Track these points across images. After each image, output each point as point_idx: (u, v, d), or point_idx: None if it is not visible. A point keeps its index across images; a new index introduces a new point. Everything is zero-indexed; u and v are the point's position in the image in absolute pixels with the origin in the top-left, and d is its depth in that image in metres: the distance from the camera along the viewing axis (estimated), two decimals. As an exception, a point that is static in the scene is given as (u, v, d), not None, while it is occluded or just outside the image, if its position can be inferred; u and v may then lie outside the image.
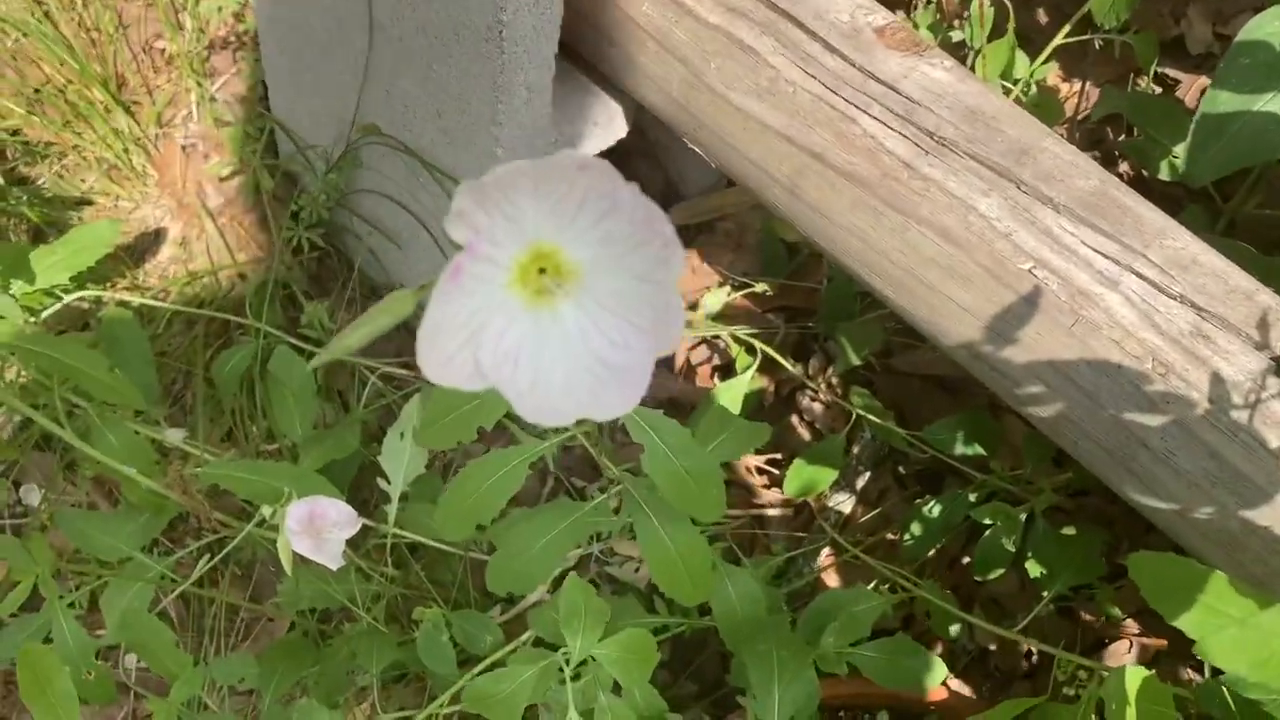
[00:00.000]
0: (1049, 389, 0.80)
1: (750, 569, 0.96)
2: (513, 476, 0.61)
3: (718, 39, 0.86)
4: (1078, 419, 0.79)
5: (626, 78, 0.93)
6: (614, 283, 0.37)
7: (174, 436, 0.98)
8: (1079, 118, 1.19)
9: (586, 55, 0.95)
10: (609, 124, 0.99)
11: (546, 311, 0.38)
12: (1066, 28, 1.08)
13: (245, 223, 1.24)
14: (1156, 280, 0.77)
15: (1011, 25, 1.08)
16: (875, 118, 0.82)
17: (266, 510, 0.84)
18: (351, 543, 1.02)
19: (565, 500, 0.73)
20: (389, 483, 0.98)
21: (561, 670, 0.62)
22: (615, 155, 1.19)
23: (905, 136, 0.82)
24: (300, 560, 0.85)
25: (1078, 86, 1.24)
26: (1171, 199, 1.17)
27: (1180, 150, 0.98)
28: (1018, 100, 1.11)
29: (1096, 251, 0.78)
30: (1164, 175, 1.00)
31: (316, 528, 0.84)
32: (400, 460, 0.99)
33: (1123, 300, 0.76)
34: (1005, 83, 1.11)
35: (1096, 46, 1.14)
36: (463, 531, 0.63)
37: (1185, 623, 0.53)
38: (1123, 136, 1.18)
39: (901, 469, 1.13)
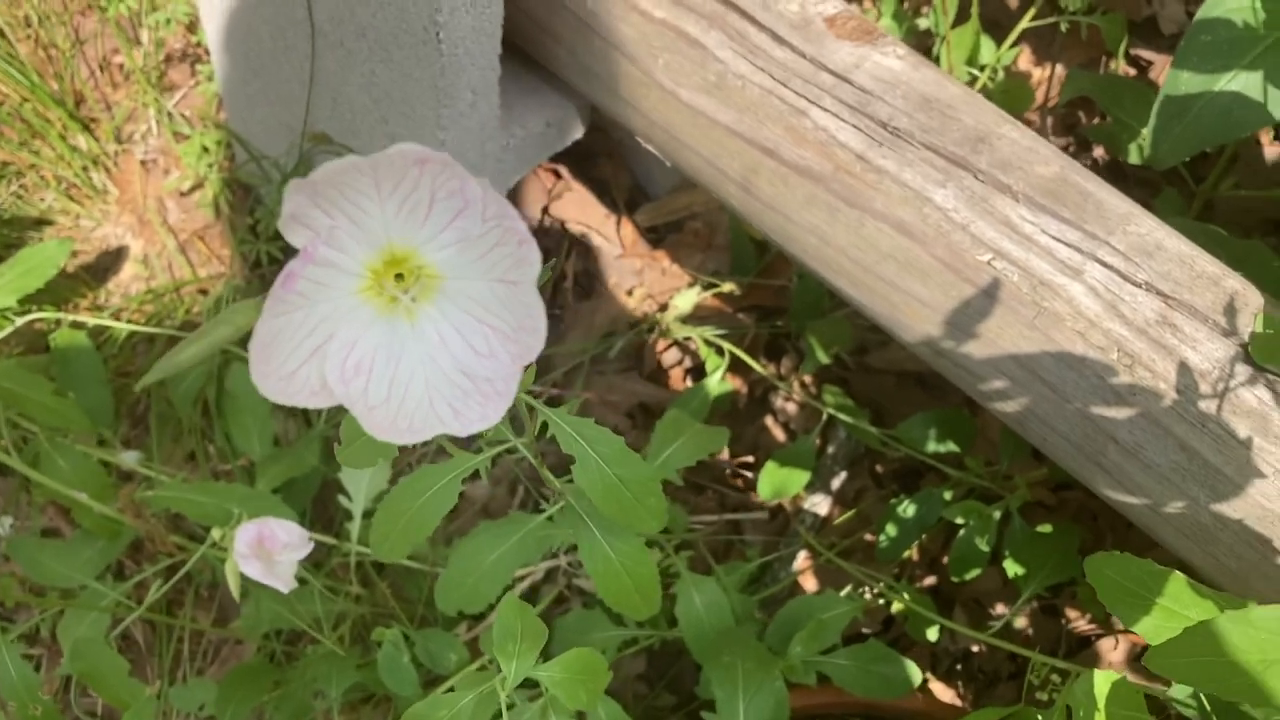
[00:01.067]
0: (1013, 383, 0.77)
1: (721, 576, 0.94)
2: (445, 494, 0.59)
3: (664, 34, 0.84)
4: (1044, 414, 0.77)
5: (575, 76, 0.91)
6: (474, 285, 0.35)
7: (128, 459, 0.96)
8: (1049, 104, 1.17)
9: (535, 55, 0.93)
10: (563, 125, 0.97)
11: (403, 319, 0.35)
12: (1032, 11, 1.06)
13: (206, 237, 1.22)
14: (1120, 268, 0.74)
15: (975, 10, 1.05)
16: (827, 110, 0.80)
17: (216, 533, 0.82)
18: (315, 562, 1.00)
19: (518, 514, 0.71)
20: (350, 500, 0.96)
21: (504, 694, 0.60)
22: (578, 156, 1.16)
23: (858, 128, 0.79)
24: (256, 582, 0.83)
25: (1048, 71, 1.21)
26: (1147, 183, 1.14)
27: (1147, 133, 0.95)
28: (985, 86, 1.09)
29: (1058, 240, 0.75)
30: (1134, 159, 0.98)
31: (266, 550, 0.82)
32: (362, 476, 0.96)
33: (1086, 290, 0.74)
34: (972, 69, 1.09)
35: (1063, 30, 1.11)
36: (398, 553, 0.61)
37: (1143, 627, 0.51)
38: (1096, 120, 1.16)
39: (878, 467, 1.10)
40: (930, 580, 1.03)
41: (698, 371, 1.14)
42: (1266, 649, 0.44)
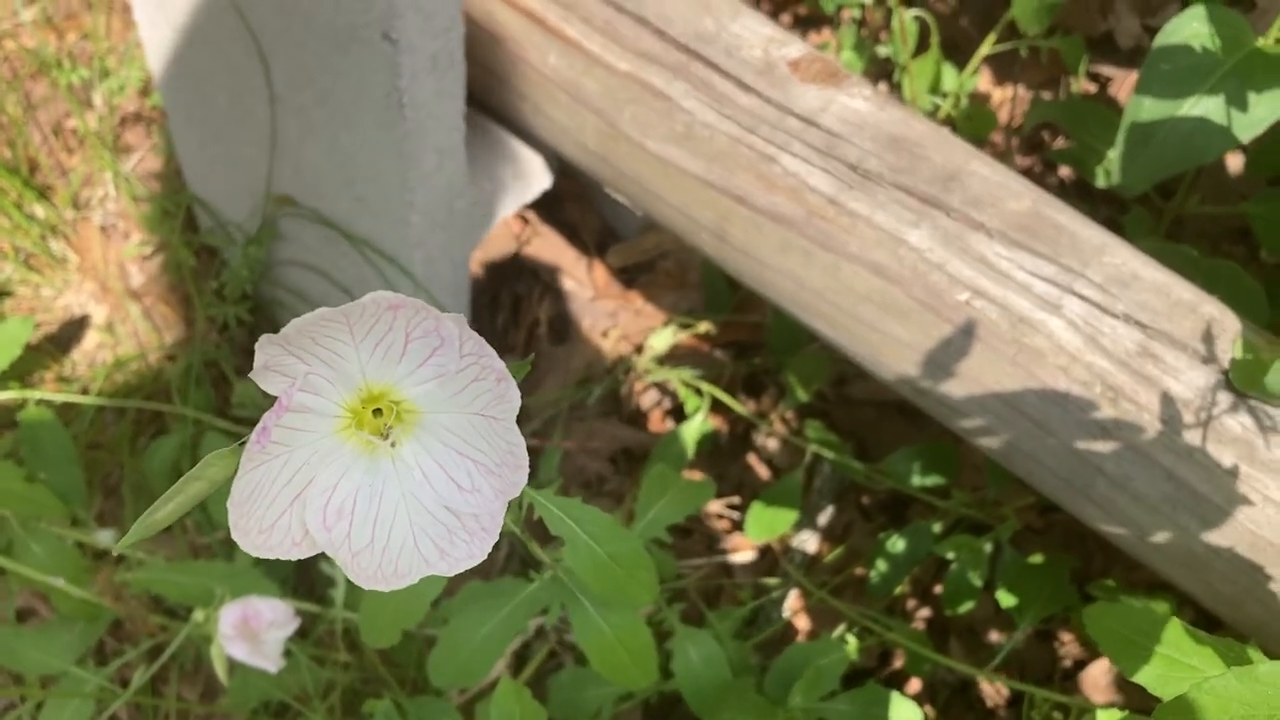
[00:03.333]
0: (997, 420, 0.77)
1: (715, 623, 0.93)
2: (432, 579, 0.57)
3: (629, 86, 0.83)
4: (1029, 449, 0.77)
5: (542, 131, 0.90)
6: (454, 419, 0.34)
7: (105, 538, 0.94)
8: (1014, 125, 1.17)
9: (501, 110, 0.92)
10: (530, 176, 0.96)
11: (384, 458, 0.35)
12: (992, 36, 1.06)
13: (171, 302, 1.20)
14: (1098, 300, 0.74)
15: (935, 39, 1.06)
16: (796, 155, 0.79)
17: (199, 615, 0.80)
18: (301, 630, 0.98)
19: (508, 581, 0.69)
20: (333, 565, 0.95)
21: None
22: (546, 201, 1.16)
23: (828, 172, 0.79)
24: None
25: (1010, 92, 1.22)
26: (1114, 201, 1.15)
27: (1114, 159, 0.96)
28: (949, 114, 1.09)
29: (1034, 275, 0.75)
30: (1100, 182, 0.98)
31: (252, 630, 0.80)
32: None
33: (1065, 324, 0.74)
34: (935, 97, 1.09)
35: (1022, 54, 1.12)
36: (389, 639, 0.60)
37: (1145, 677, 0.50)
38: (1060, 140, 1.16)
39: (865, 499, 1.10)
40: (924, 612, 1.03)
41: (678, 412, 1.14)
42: (1273, 703, 0.43)
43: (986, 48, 1.06)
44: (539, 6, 0.85)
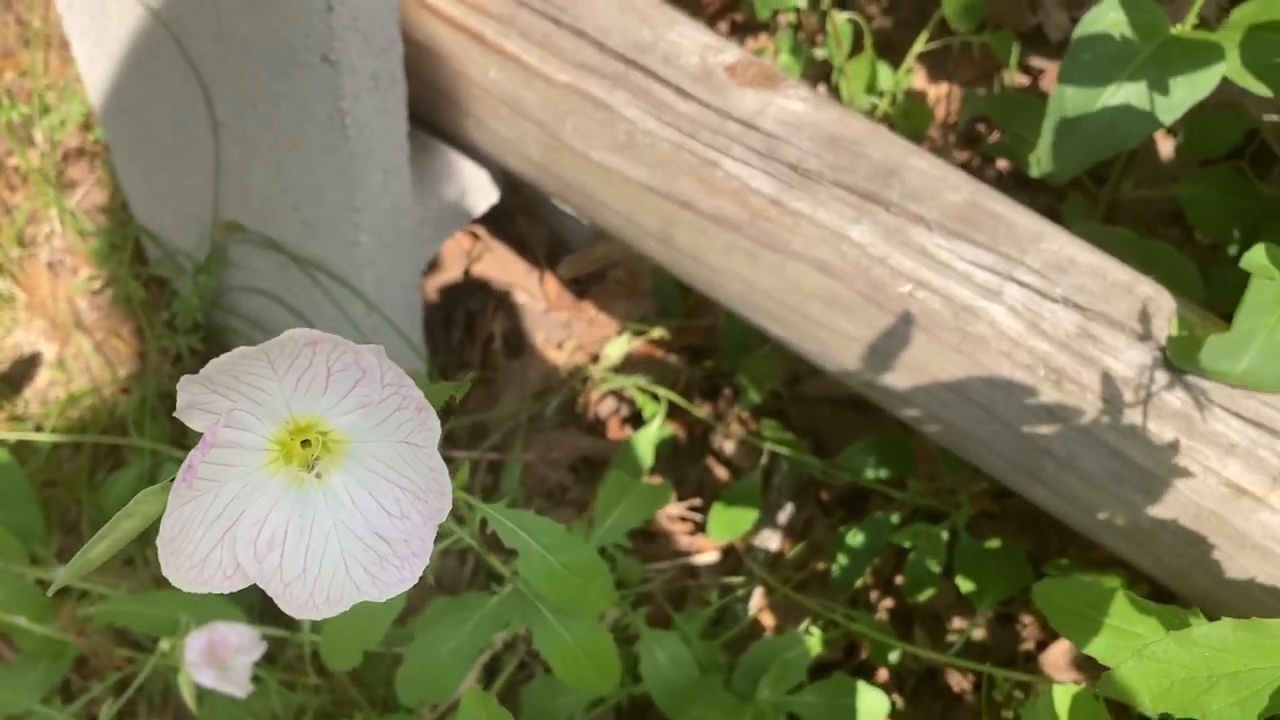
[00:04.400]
0: (945, 408, 0.79)
1: (682, 625, 0.94)
2: (391, 599, 0.58)
3: (570, 97, 0.84)
4: (979, 435, 0.79)
5: (486, 145, 0.91)
6: (380, 448, 0.35)
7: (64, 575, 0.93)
8: (951, 120, 1.20)
9: (445, 126, 0.93)
10: (478, 191, 0.97)
11: (314, 488, 0.35)
12: (924, 35, 1.08)
13: (123, 335, 1.20)
14: (1037, 286, 0.76)
15: (869, 40, 1.08)
16: (737, 158, 0.81)
17: (165, 645, 0.80)
18: (269, 655, 0.98)
19: (471, 595, 0.70)
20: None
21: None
22: (495, 215, 1.16)
23: (769, 173, 0.80)
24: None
25: (946, 88, 1.24)
26: (1053, 190, 1.17)
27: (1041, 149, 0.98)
28: (886, 112, 1.11)
29: (974, 264, 0.77)
30: (1034, 172, 1.00)
31: (219, 657, 0.80)
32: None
33: (1006, 311, 0.76)
34: (872, 97, 1.11)
35: (954, 50, 1.14)
36: (351, 660, 0.60)
37: (1095, 648, 0.52)
38: (996, 134, 1.19)
39: (824, 495, 1.11)
40: (888, 602, 1.04)
41: (636, 419, 1.15)
42: (1211, 665, 0.45)
43: (919, 46, 1.08)
44: (477, 23, 0.86)
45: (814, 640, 0.86)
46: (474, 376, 1.14)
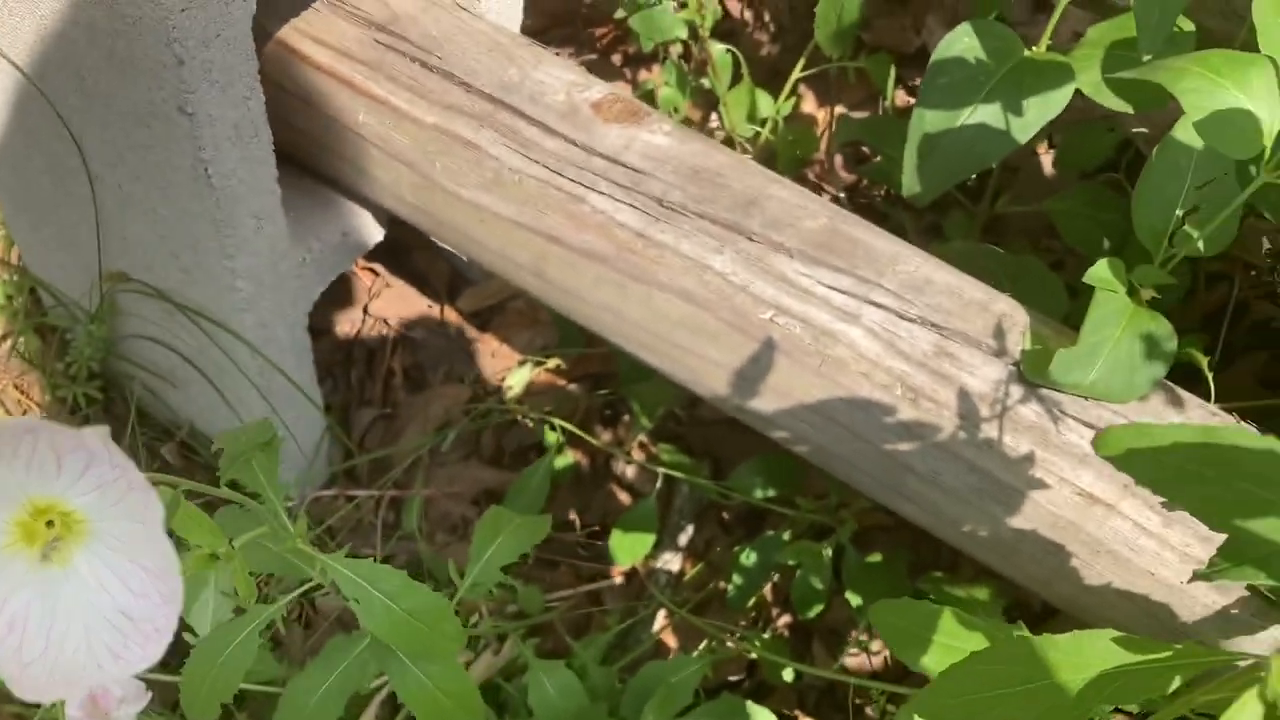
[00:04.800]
0: (811, 429, 0.80)
1: (580, 653, 0.95)
2: (244, 649, 0.59)
3: (438, 138, 0.85)
4: (845, 455, 0.80)
5: (361, 187, 0.92)
6: (120, 526, 0.36)
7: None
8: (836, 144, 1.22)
9: (321, 169, 0.94)
10: (362, 231, 0.98)
11: (57, 567, 0.36)
12: (802, 61, 1.11)
13: (22, 385, 1.19)
14: (894, 307, 0.78)
15: (746, 71, 1.10)
16: (603, 193, 0.82)
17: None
18: (169, 702, 0.97)
19: (340, 639, 0.71)
20: (195, 635, 0.94)
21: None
22: (393, 251, 1.17)
23: (634, 207, 0.82)
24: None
25: (833, 113, 1.27)
26: (937, 206, 1.20)
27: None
28: (768, 140, 1.13)
29: (833, 289, 0.79)
30: (905, 193, 1.03)
31: (102, 710, 0.80)
32: (205, 609, 0.95)
33: (864, 333, 0.78)
34: (755, 125, 1.13)
35: (831, 75, 1.17)
36: (210, 712, 0.61)
37: (928, 664, 0.54)
38: (878, 158, 1.21)
39: (725, 515, 1.13)
40: (787, 619, 1.06)
41: (539, 449, 1.16)
42: (1024, 677, 0.47)
43: (797, 72, 1.11)
44: (346, 69, 0.87)
45: (704, 662, 0.87)
46: (373, 415, 1.15)
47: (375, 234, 0.99)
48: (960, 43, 0.87)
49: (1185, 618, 0.73)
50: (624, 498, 1.14)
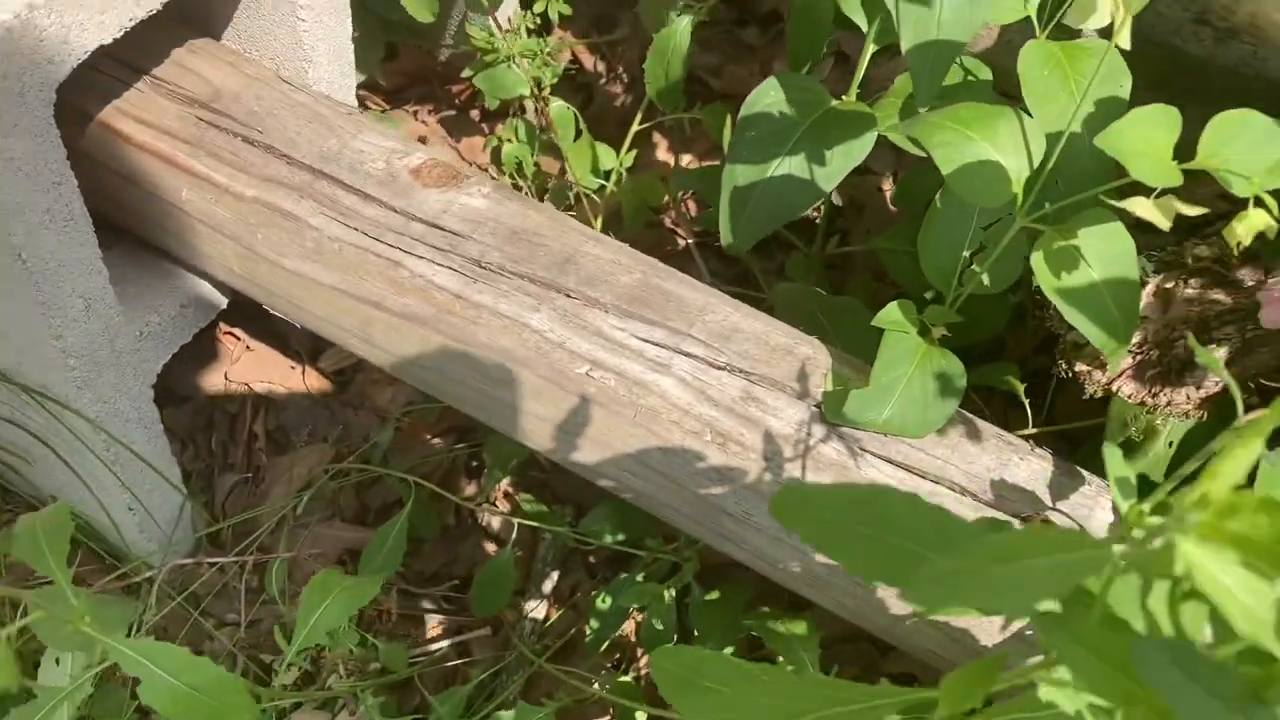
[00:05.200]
0: (631, 476, 0.83)
1: (437, 707, 0.96)
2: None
3: (259, 211, 0.87)
4: (665, 500, 0.83)
5: (191, 260, 0.93)
6: None
7: None
8: (684, 195, 1.26)
9: (152, 242, 0.95)
10: (201, 301, 0.99)
11: None
12: (639, 115, 1.14)
13: (-120, 469, 1.18)
14: (704, 356, 0.81)
15: (585, 127, 1.13)
16: (422, 257, 0.85)
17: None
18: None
19: None
20: (50, 714, 0.94)
21: None
22: (252, 315, 1.18)
23: (453, 269, 0.84)
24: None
25: (684, 162, 1.30)
26: (786, 246, 1.24)
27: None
28: (613, 191, 1.16)
29: (646, 341, 0.82)
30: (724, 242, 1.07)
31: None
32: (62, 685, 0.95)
33: (676, 382, 0.81)
34: (599, 178, 1.16)
35: (666, 127, 1.20)
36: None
37: (690, 708, 0.56)
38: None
39: (591, 559, 1.15)
40: (645, 659, 1.08)
41: (403, 505, 1.17)
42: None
43: (636, 125, 1.14)
44: (168, 147, 0.89)
45: (550, 709, 0.89)
46: (236, 479, 1.16)
47: (218, 303, 1.01)
48: (767, 97, 0.91)
49: (985, 641, 0.77)
50: (491, 548, 1.15)
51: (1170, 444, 0.81)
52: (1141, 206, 0.56)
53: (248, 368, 1.21)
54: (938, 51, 0.77)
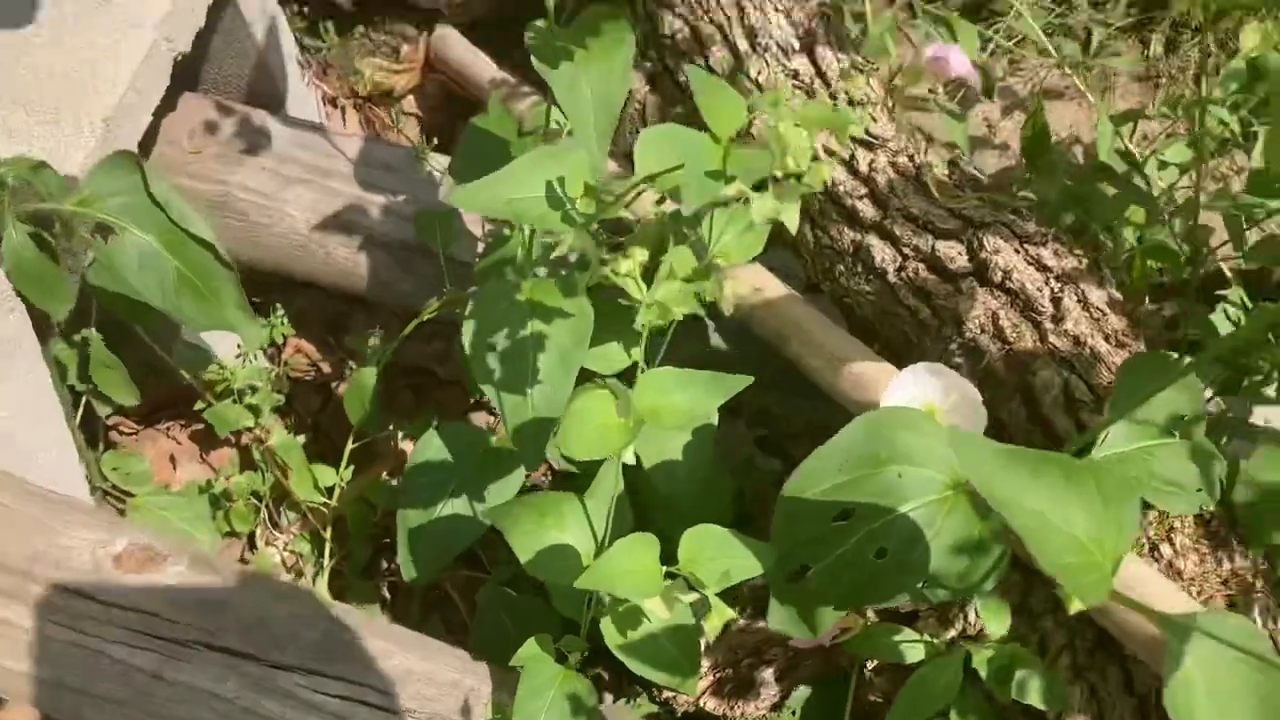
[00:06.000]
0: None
1: None
2: None
3: (-29, 617, 0.96)
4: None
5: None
6: None
7: None
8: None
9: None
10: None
11: None
12: (351, 435, 1.27)
13: None
14: (382, 704, 0.93)
15: (302, 455, 1.26)
16: (121, 642, 0.94)
17: None
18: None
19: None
20: None
21: None
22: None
23: (151, 650, 0.94)
24: None
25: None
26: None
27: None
28: (337, 505, 1.28)
29: (329, 695, 0.93)
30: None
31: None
32: None
33: (356, 731, 0.92)
34: (322, 496, 1.28)
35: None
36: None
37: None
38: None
39: None
40: None
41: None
42: None
43: (350, 444, 1.27)
44: (-118, 565, 0.98)
45: None
46: None
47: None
48: (431, 446, 1.05)
49: None
50: None
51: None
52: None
53: None
54: (537, 427, 0.91)
